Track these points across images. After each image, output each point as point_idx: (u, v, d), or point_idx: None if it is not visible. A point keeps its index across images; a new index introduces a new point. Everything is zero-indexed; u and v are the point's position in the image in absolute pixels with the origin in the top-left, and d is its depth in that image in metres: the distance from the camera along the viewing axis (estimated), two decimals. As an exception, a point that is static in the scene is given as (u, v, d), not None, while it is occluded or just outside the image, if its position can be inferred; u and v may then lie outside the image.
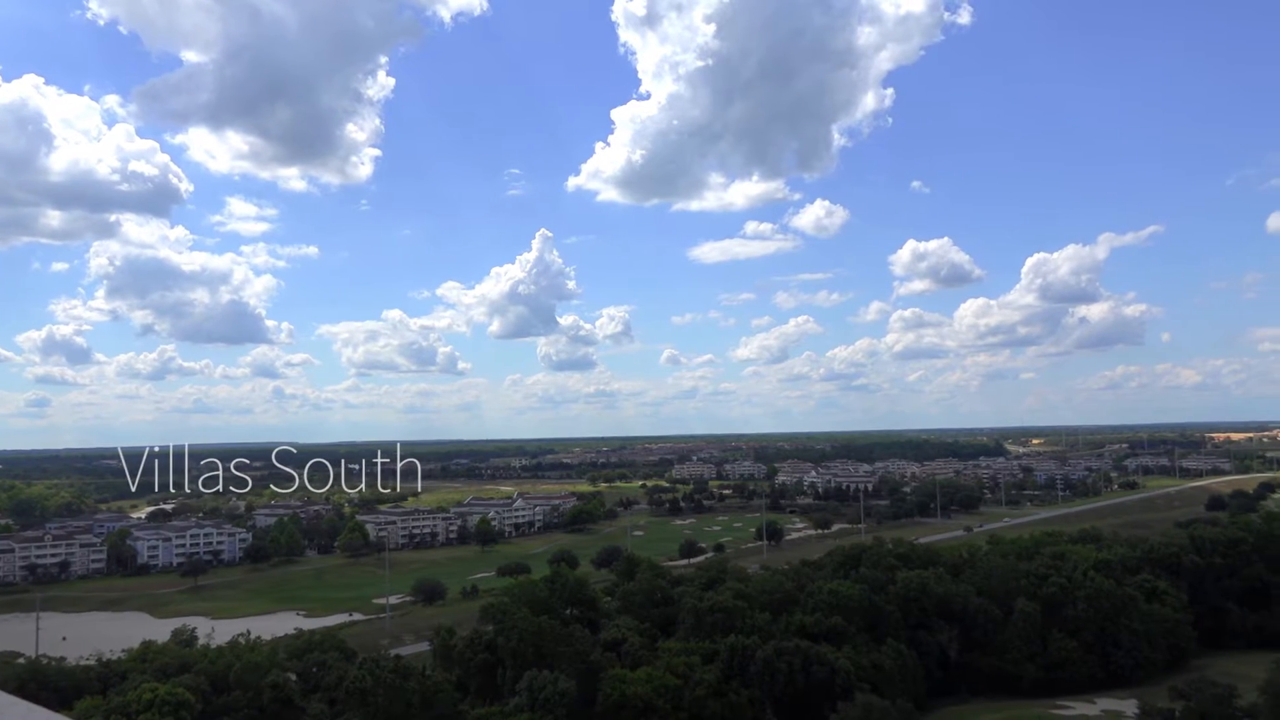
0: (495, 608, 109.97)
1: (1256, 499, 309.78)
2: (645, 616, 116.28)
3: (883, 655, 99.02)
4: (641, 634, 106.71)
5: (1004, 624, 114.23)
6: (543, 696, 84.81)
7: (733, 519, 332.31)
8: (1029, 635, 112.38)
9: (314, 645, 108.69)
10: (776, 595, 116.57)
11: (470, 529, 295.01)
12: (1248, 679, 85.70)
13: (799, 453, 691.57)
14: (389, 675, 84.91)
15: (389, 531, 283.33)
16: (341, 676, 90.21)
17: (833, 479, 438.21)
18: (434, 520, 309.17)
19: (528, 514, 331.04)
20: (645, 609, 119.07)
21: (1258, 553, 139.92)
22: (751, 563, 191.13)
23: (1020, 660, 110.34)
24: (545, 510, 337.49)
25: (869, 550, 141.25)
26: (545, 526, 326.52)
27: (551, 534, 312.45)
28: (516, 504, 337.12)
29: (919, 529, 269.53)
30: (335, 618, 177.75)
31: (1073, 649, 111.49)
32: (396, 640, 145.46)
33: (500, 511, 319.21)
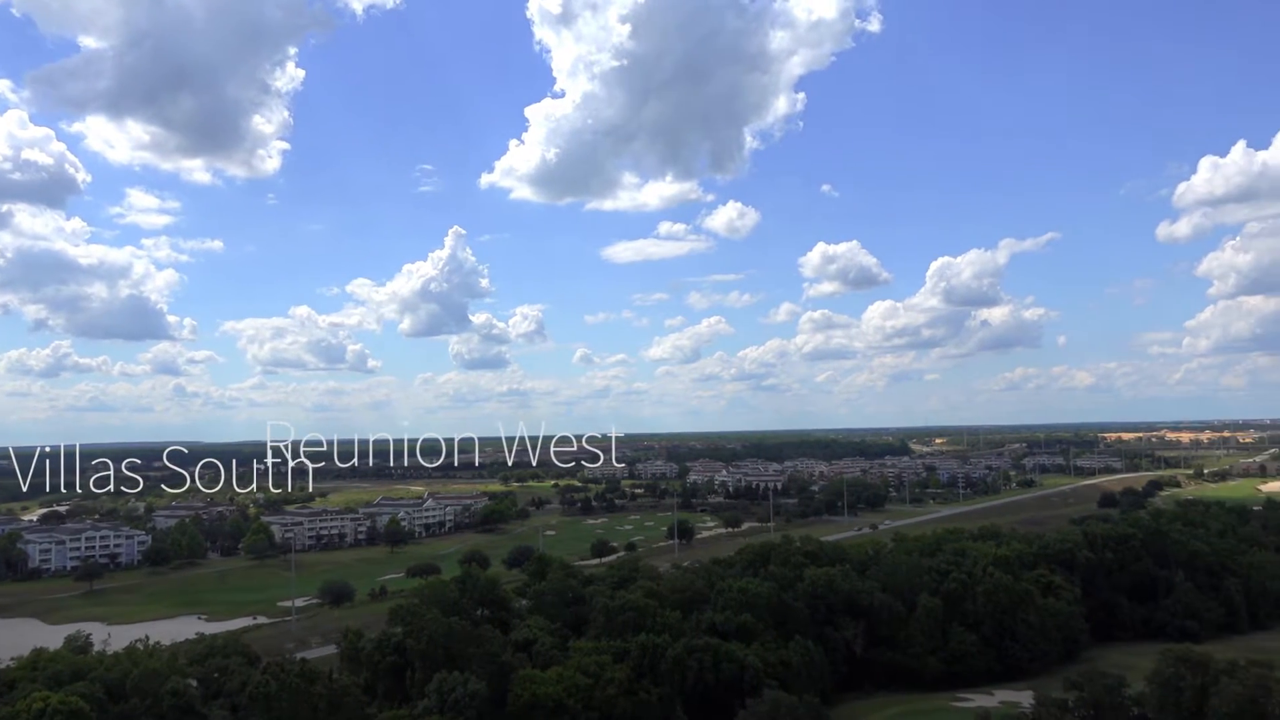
0: (404, 609, 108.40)
1: (1145, 496, 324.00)
2: (557, 616, 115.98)
3: (791, 651, 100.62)
4: (553, 634, 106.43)
5: (907, 619, 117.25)
6: (452, 698, 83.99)
7: (645, 518, 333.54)
8: (931, 630, 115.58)
9: (216, 650, 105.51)
10: (687, 594, 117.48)
11: (380, 529, 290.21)
12: (1136, 669, 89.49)
13: (710, 452, 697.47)
14: (294, 679, 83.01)
15: (295, 533, 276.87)
16: (245, 681, 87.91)
17: (743, 478, 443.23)
18: (342, 521, 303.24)
19: (438, 514, 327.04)
20: (557, 609, 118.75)
21: (1146, 548, 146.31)
22: (663, 561, 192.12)
23: (923, 654, 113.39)
24: (456, 510, 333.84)
25: (778, 548, 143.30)
26: (456, 526, 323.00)
27: (463, 534, 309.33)
28: (427, 504, 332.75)
29: (827, 527, 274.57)
30: (239, 621, 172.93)
31: (972, 642, 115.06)
32: (302, 644, 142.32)
33: (410, 512, 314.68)
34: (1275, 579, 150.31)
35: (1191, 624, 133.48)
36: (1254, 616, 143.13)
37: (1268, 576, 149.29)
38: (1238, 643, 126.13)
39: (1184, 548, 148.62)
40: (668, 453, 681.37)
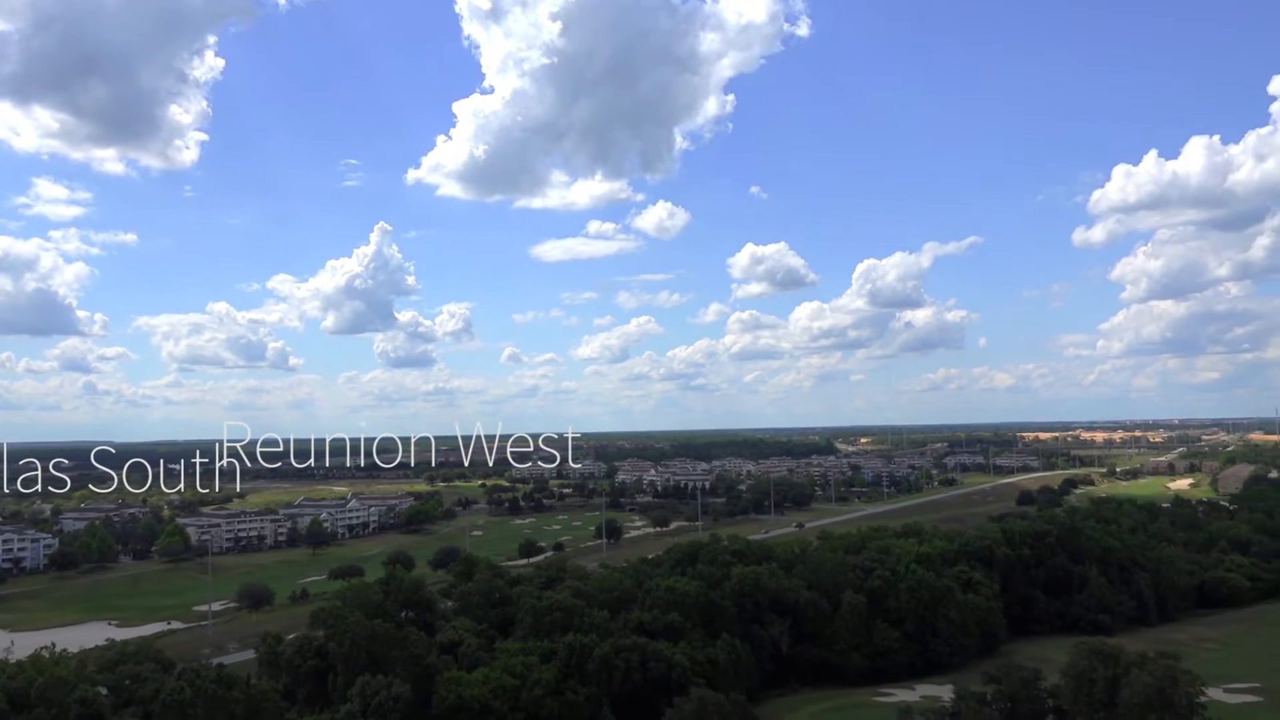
0: (326, 612, 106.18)
1: (1061, 494, 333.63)
2: (483, 617, 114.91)
3: (718, 650, 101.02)
4: (479, 635, 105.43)
5: (832, 616, 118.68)
6: (375, 702, 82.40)
7: (573, 518, 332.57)
8: (855, 626, 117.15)
9: (127, 656, 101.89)
10: (615, 593, 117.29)
11: (301, 531, 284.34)
12: (1051, 662, 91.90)
13: (639, 451, 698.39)
14: (210, 685, 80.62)
15: (213, 535, 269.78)
16: (158, 689, 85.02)
17: (671, 477, 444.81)
18: (262, 522, 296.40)
19: (362, 515, 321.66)
20: (483, 610, 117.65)
21: (1061, 544, 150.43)
22: (591, 561, 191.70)
23: (847, 650, 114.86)
24: (381, 511, 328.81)
25: (706, 547, 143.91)
26: (381, 527, 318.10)
27: (387, 535, 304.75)
28: (350, 504, 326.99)
29: (754, 526, 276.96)
30: (152, 627, 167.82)
31: (895, 638, 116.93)
32: (219, 649, 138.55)
33: (333, 512, 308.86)
34: (1182, 573, 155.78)
35: (1104, 618, 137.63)
36: (1162, 610, 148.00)
37: (1175, 571, 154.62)
38: (1147, 635, 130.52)
39: (1097, 544, 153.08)
40: (596, 452, 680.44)
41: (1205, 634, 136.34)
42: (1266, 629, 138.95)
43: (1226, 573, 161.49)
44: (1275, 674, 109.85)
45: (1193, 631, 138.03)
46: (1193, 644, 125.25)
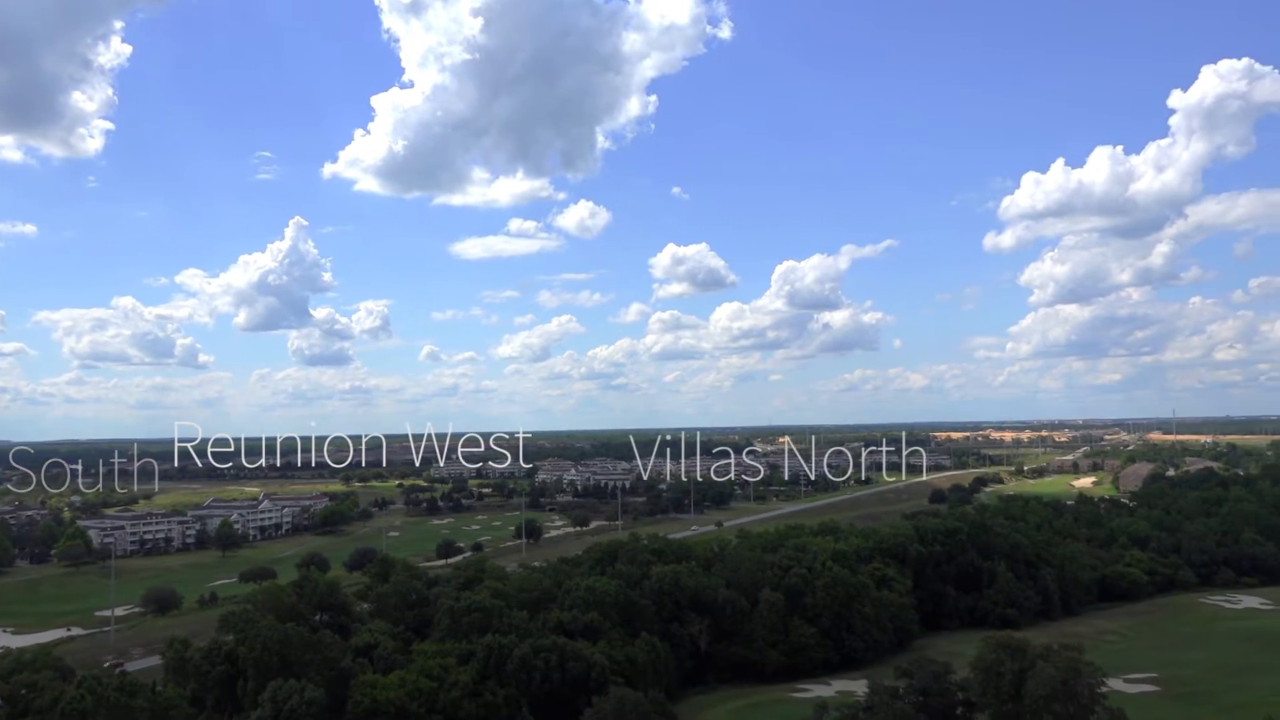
0: (236, 616, 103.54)
1: (972, 492, 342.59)
2: (400, 619, 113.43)
3: (637, 649, 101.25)
4: (395, 637, 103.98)
5: (750, 614, 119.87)
6: (288, 707, 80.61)
7: (492, 518, 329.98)
8: (773, 623, 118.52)
9: (24, 665, 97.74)
10: (534, 593, 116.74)
11: (210, 533, 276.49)
12: (961, 656, 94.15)
13: (560, 451, 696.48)
14: (112, 693, 77.97)
15: (116, 537, 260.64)
16: (57, 698, 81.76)
17: (592, 477, 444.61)
18: (169, 524, 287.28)
19: (275, 516, 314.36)
20: (400, 611, 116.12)
21: (971, 541, 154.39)
22: (510, 561, 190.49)
23: (765, 647, 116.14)
24: (295, 511, 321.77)
25: (626, 547, 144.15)
26: (294, 529, 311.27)
27: (301, 536, 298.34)
28: (263, 505, 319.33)
29: (674, 525, 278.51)
30: (51, 633, 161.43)
31: (812, 635, 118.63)
32: (123, 655, 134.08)
33: (244, 514, 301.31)
34: (1085, 568, 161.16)
35: (1011, 612, 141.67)
36: (1066, 603, 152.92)
37: (1079, 566, 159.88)
38: (1052, 628, 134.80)
39: (1005, 540, 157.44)
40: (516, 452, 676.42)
41: (1106, 626, 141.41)
42: (1163, 621, 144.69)
43: (1126, 567, 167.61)
44: (1171, 664, 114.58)
45: (1095, 624, 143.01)
46: (1094, 636, 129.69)
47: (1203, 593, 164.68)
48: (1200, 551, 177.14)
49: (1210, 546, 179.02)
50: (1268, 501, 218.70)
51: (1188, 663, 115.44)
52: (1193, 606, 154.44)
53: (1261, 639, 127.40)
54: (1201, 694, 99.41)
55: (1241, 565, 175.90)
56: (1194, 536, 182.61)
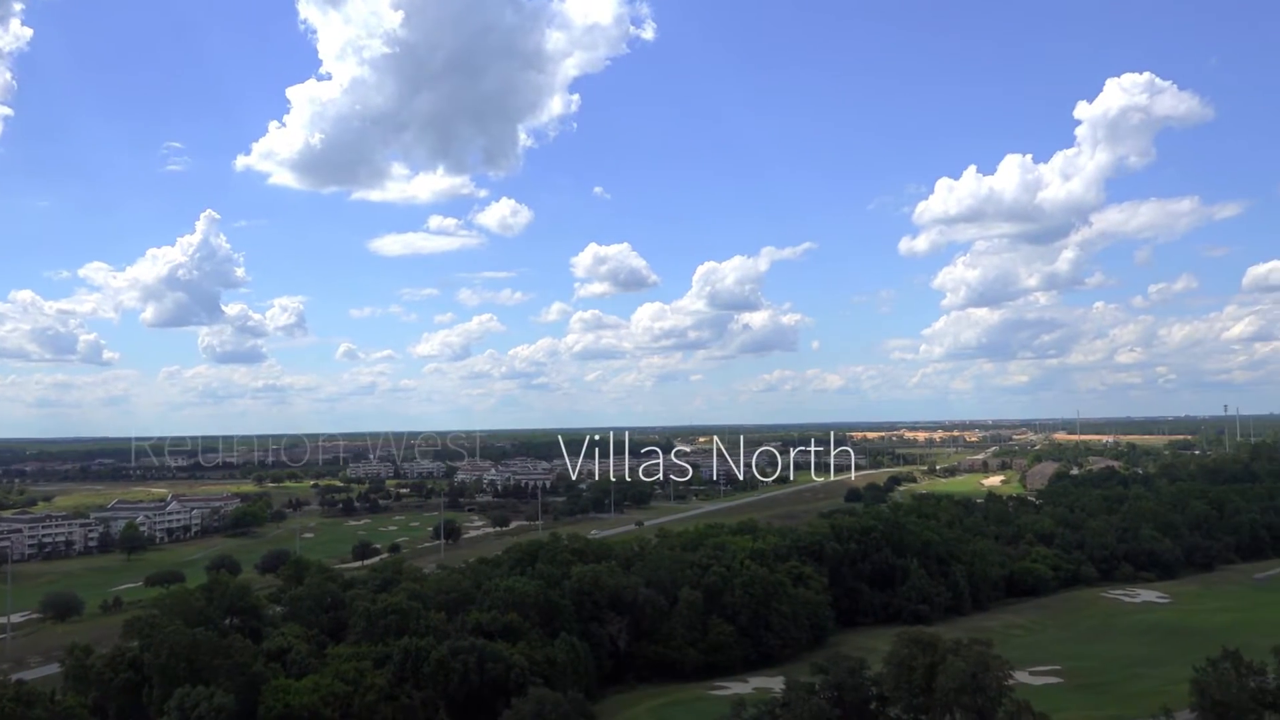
0: (142, 621, 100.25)
1: (886, 491, 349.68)
2: (314, 622, 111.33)
3: (556, 649, 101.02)
4: (309, 641, 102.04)
5: (670, 613, 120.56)
6: (195, 714, 78.45)
7: (410, 518, 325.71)
8: (692, 622, 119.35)
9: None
10: (453, 594, 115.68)
11: (114, 536, 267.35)
12: (875, 651, 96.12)
13: (480, 451, 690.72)
14: (7, 704, 74.95)
15: (12, 541, 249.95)
16: (-54, 709, 78.30)
17: (512, 477, 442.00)
18: (70, 527, 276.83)
19: (183, 517, 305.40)
20: (314, 614, 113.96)
21: (885, 539, 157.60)
22: (428, 562, 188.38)
23: (683, 646, 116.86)
24: (204, 513, 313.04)
25: (546, 547, 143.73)
26: (204, 531, 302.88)
27: (211, 538, 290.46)
28: (170, 507, 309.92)
29: (594, 524, 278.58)
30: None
31: (730, 633, 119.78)
32: (19, 664, 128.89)
33: (151, 515, 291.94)
34: (994, 565, 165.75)
35: (923, 608, 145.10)
36: (976, 599, 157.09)
37: (988, 563, 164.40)
38: (962, 623, 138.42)
39: (918, 538, 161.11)
40: (436, 452, 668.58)
41: (1013, 621, 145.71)
42: (1066, 615, 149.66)
43: (1032, 563, 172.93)
44: (1073, 657, 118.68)
45: (1003, 619, 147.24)
46: (1002, 630, 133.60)
47: (1104, 587, 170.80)
48: (1102, 547, 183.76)
49: (1111, 543, 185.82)
50: (1165, 499, 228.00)
51: (1089, 655, 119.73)
52: (1094, 601, 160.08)
53: (1158, 632, 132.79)
54: (1102, 685, 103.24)
55: (1140, 560, 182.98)
56: (1096, 533, 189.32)
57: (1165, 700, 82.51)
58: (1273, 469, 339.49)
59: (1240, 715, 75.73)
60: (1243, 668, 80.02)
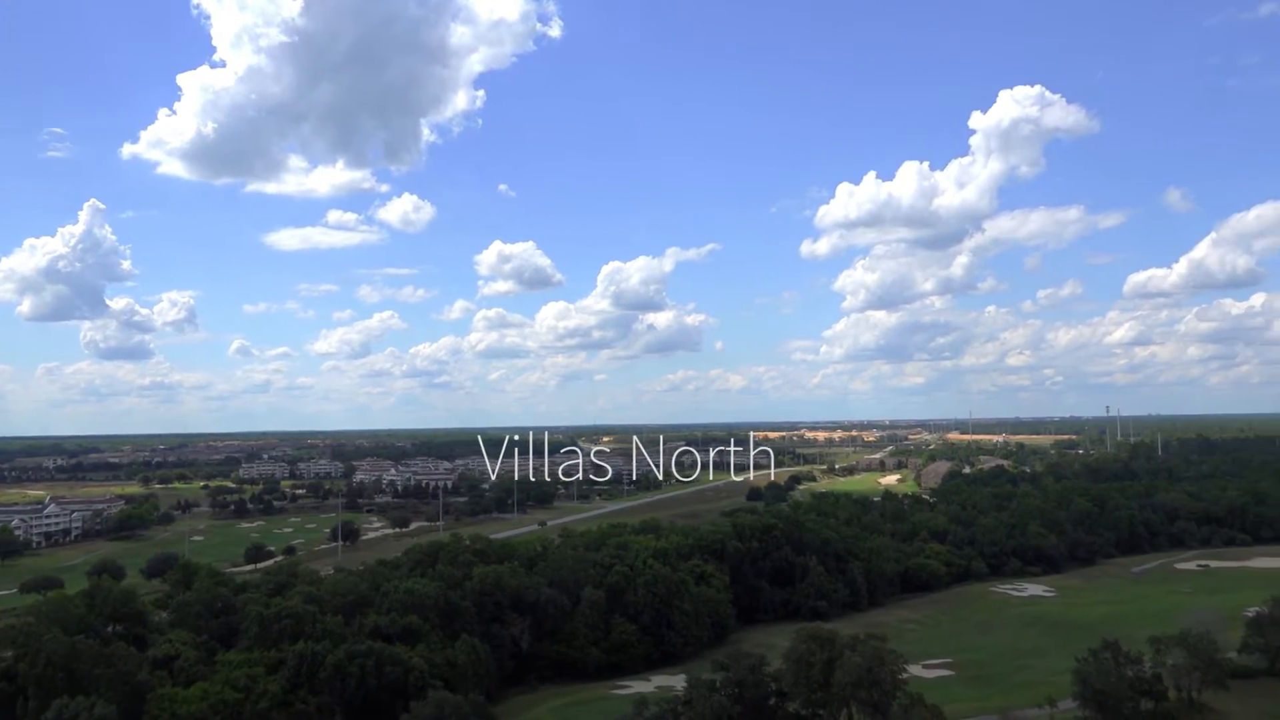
0: (16, 629, 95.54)
1: (787, 490, 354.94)
2: (203, 628, 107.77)
3: (457, 651, 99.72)
4: (198, 647, 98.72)
5: (573, 612, 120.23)
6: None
7: (306, 520, 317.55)
8: (595, 622, 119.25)
9: None
10: (350, 597, 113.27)
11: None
12: (775, 648, 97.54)
13: (379, 450, 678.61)
14: None
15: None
16: None
17: (413, 477, 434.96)
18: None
19: (63, 521, 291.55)
20: (204, 620, 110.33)
21: (786, 537, 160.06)
22: (325, 565, 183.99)
23: (586, 645, 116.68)
24: (86, 516, 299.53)
25: (447, 548, 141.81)
26: (85, 534, 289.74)
27: (93, 542, 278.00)
28: (48, 509, 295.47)
29: (497, 525, 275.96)
30: None
31: (632, 632, 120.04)
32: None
33: (27, 518, 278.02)
34: (890, 561, 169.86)
35: (822, 604, 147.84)
36: (872, 595, 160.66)
37: (884, 560, 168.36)
38: (859, 619, 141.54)
39: (817, 536, 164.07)
40: (333, 451, 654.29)
41: (908, 616, 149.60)
42: (958, 609, 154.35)
43: (926, 560, 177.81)
44: (964, 649, 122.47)
45: (898, 614, 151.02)
46: (897, 625, 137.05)
47: (993, 582, 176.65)
48: (992, 543, 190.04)
49: (1000, 539, 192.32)
50: (1051, 497, 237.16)
51: (979, 647, 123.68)
52: (985, 595, 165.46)
53: (1043, 624, 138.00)
54: (991, 676, 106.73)
55: (1027, 556, 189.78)
56: (986, 530, 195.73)
57: (1050, 690, 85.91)
58: (1150, 467, 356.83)
59: (1118, 703, 79.28)
60: (1121, 657, 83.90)
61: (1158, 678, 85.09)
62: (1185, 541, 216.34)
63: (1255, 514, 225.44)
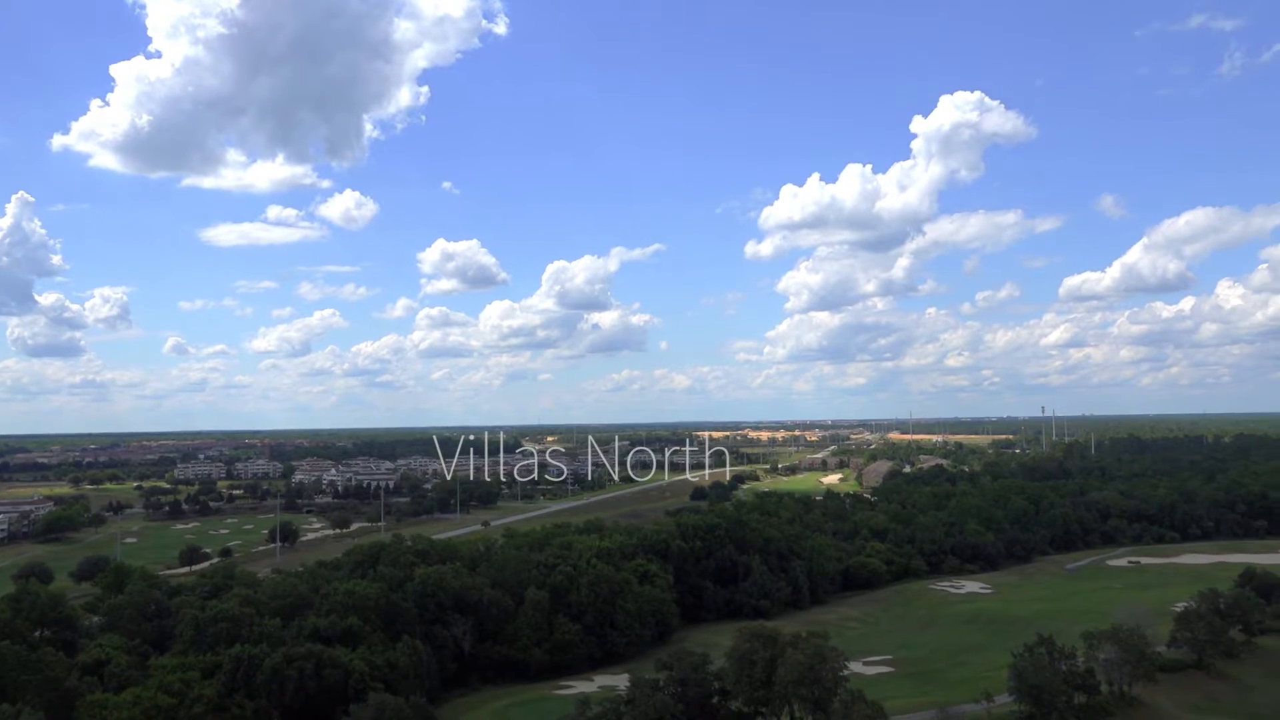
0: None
1: (730, 489, 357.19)
2: (136, 633, 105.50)
3: (398, 653, 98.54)
4: (131, 652, 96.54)
5: (515, 613, 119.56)
6: (-1, 735, 72.73)
7: (243, 521, 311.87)
8: (538, 622, 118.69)
9: None
10: (289, 599, 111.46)
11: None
12: (718, 646, 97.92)
13: (319, 450, 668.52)
14: None
15: None
16: None
17: (354, 477, 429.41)
18: None
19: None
20: (136, 624, 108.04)
21: (729, 536, 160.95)
22: (263, 566, 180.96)
23: (529, 646, 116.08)
24: (12, 518, 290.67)
25: (388, 548, 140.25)
26: (12, 537, 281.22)
27: (19, 545, 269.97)
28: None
29: (439, 525, 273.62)
30: None
31: (576, 632, 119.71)
32: None
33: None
34: (831, 560, 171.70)
35: (765, 603, 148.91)
36: (814, 593, 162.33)
37: (826, 558, 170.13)
38: (801, 617, 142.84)
39: (760, 535, 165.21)
40: (271, 451, 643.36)
41: (849, 613, 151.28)
42: (898, 607, 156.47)
43: (867, 558, 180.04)
44: (904, 646, 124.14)
45: (839, 612, 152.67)
46: (838, 623, 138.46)
47: (932, 579, 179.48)
48: (931, 542, 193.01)
49: (939, 537, 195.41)
50: (988, 495, 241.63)
51: (918, 644, 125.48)
52: (924, 592, 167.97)
53: (981, 620, 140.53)
54: (930, 672, 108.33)
55: (965, 554, 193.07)
56: (925, 528, 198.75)
57: (987, 685, 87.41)
58: (1084, 467, 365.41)
59: (1053, 697, 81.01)
60: (1055, 653, 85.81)
61: (1090, 672, 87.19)
62: (1117, 539, 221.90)
63: (1184, 512, 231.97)
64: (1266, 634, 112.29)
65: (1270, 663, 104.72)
